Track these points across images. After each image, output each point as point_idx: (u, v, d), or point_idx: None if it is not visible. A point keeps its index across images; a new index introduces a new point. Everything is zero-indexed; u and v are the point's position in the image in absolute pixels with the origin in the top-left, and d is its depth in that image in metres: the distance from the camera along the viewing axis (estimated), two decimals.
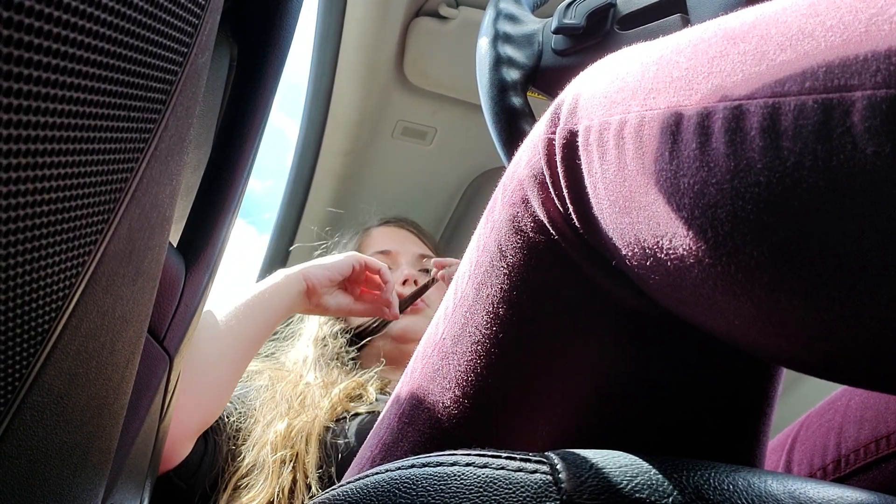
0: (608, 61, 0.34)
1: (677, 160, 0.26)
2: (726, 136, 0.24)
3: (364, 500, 0.28)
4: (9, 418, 0.20)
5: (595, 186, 0.31)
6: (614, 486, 0.25)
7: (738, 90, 0.24)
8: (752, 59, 0.24)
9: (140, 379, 0.37)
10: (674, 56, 0.28)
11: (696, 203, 0.25)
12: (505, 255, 0.36)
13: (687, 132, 0.26)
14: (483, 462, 0.28)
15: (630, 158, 0.29)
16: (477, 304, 0.38)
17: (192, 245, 0.42)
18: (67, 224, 0.20)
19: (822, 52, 0.22)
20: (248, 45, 0.42)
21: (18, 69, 0.15)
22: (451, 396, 0.39)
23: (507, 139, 0.63)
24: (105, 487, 0.34)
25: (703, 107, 0.25)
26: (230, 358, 0.80)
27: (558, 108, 0.34)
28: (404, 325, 1.10)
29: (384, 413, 0.46)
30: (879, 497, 0.28)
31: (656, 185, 0.27)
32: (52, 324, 0.21)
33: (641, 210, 0.28)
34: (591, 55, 0.62)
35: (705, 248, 0.25)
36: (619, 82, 0.31)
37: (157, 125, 0.24)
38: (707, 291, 0.27)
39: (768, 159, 0.23)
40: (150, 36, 0.21)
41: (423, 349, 0.43)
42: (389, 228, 1.28)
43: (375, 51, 1.21)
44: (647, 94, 0.28)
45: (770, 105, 0.23)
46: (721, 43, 0.26)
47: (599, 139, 0.30)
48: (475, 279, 0.39)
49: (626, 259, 0.30)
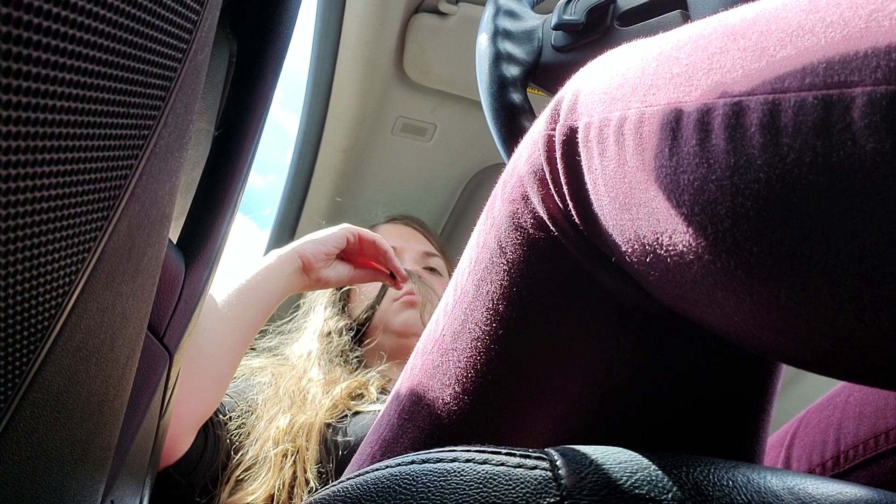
0: (608, 58, 0.34)
1: (677, 156, 0.26)
2: (726, 133, 0.24)
3: (364, 496, 0.28)
4: (9, 415, 0.20)
5: (595, 183, 0.31)
6: (614, 482, 0.26)
7: (737, 86, 0.24)
8: (752, 56, 0.24)
9: (140, 376, 0.37)
10: (674, 52, 0.28)
11: (695, 199, 0.25)
12: (505, 251, 0.36)
13: (687, 128, 0.26)
14: (483, 458, 0.28)
15: (630, 155, 0.29)
16: (477, 301, 0.38)
17: (192, 242, 0.42)
18: (67, 221, 0.20)
19: (822, 49, 0.22)
20: (247, 42, 0.42)
21: (18, 66, 0.15)
22: (450, 393, 0.39)
23: (506, 135, 0.63)
24: (105, 484, 0.34)
25: (702, 103, 0.25)
26: (227, 347, 0.80)
27: (558, 104, 0.35)
28: (405, 318, 1.10)
29: (384, 409, 0.46)
30: (879, 493, 0.28)
31: (656, 182, 0.27)
32: (51, 321, 0.21)
33: (641, 206, 0.28)
34: (590, 52, 0.62)
35: (705, 245, 0.25)
36: (618, 79, 0.31)
37: (156, 121, 0.24)
38: (707, 288, 0.27)
39: (768, 155, 0.23)
40: (150, 32, 0.21)
41: (423, 345, 0.43)
42: (395, 226, 1.28)
43: (375, 47, 1.21)
44: (647, 90, 0.28)
45: (770, 101, 0.23)
46: (721, 39, 0.26)
47: (599, 135, 0.30)
48: (475, 275, 0.39)
49: (626, 255, 0.30)
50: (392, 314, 1.12)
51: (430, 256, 1.24)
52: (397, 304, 1.12)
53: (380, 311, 1.13)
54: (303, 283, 0.91)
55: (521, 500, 0.25)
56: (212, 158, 0.42)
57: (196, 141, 0.41)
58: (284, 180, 1.44)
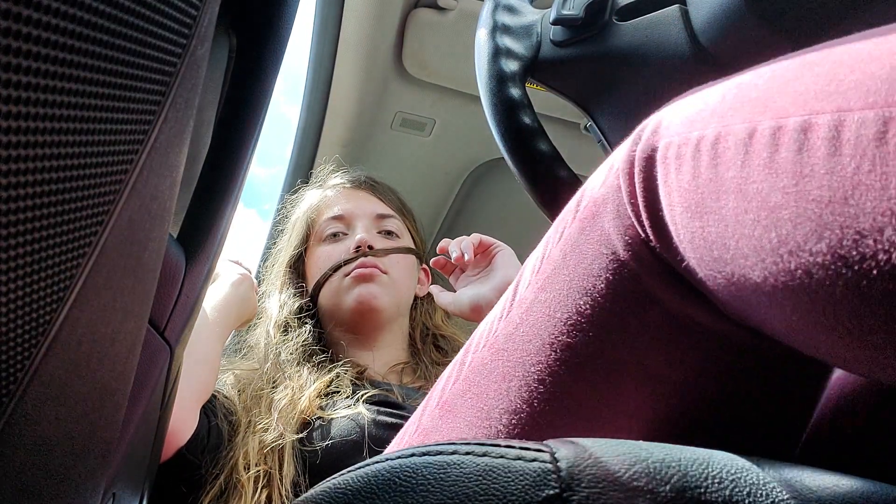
0: (695, 91, 0.37)
1: (748, 168, 0.28)
2: (794, 146, 0.27)
3: (364, 488, 0.28)
4: (10, 408, 0.20)
5: (669, 195, 0.33)
6: (613, 473, 0.26)
7: (808, 106, 0.27)
8: (825, 80, 0.27)
9: (141, 370, 0.37)
10: (753, 80, 0.31)
11: (762, 205, 0.28)
12: (568, 264, 0.38)
13: (758, 143, 0.28)
14: (482, 451, 0.28)
15: (704, 168, 0.31)
16: (535, 306, 0.39)
17: (193, 236, 0.42)
18: (67, 216, 0.20)
19: (886, 73, 0.24)
20: (247, 37, 0.42)
21: (18, 61, 0.15)
22: (497, 389, 0.40)
23: (505, 130, 0.63)
24: (107, 477, 0.34)
25: (775, 121, 0.28)
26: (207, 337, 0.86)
27: (642, 129, 0.37)
28: (357, 293, 1.05)
29: (427, 398, 0.47)
30: (875, 485, 0.28)
31: (727, 191, 0.29)
32: (53, 315, 0.21)
33: (711, 214, 0.30)
34: (589, 46, 0.62)
35: (769, 248, 0.28)
36: (701, 105, 0.33)
37: (156, 117, 0.24)
38: (768, 289, 0.29)
39: (830, 165, 0.25)
40: (149, 27, 0.21)
41: (476, 343, 0.44)
42: (346, 191, 1.18)
43: (374, 42, 1.21)
44: (725, 113, 0.31)
45: (835, 118, 0.25)
46: (799, 68, 0.29)
47: (678, 153, 0.33)
48: (535, 285, 0.40)
49: (694, 262, 0.32)
50: (344, 291, 1.07)
51: (384, 218, 1.15)
52: (349, 280, 1.06)
53: (331, 290, 1.09)
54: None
55: (521, 491, 0.26)
56: (212, 153, 0.42)
57: (196, 136, 0.42)
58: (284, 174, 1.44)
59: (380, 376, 1.03)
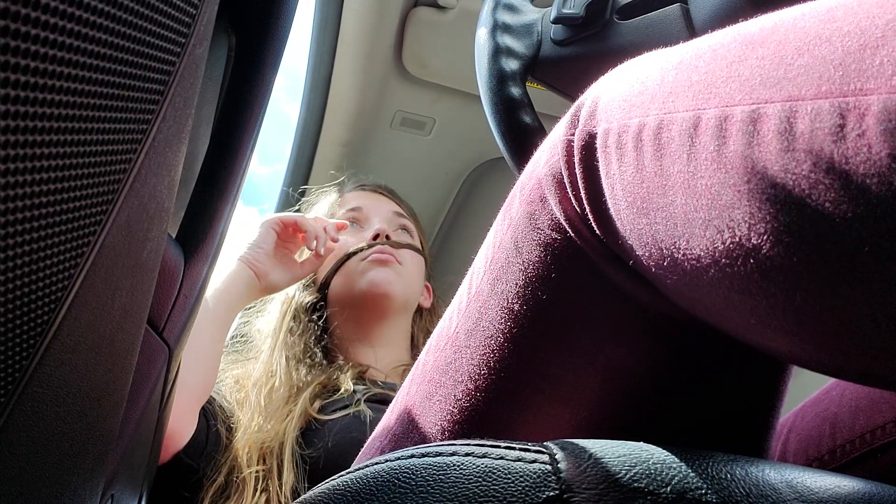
0: (628, 65, 0.34)
1: (695, 162, 0.26)
2: (743, 139, 0.24)
3: (364, 489, 0.28)
4: (9, 409, 0.20)
5: (612, 188, 0.31)
6: (613, 475, 0.26)
7: (755, 94, 0.24)
8: (770, 64, 0.25)
9: (140, 370, 0.37)
10: (693, 61, 0.29)
11: (712, 204, 0.26)
12: (521, 251, 0.37)
13: (705, 135, 0.26)
14: (482, 452, 0.28)
15: (648, 161, 0.29)
16: (492, 299, 0.38)
17: (191, 236, 0.42)
18: (66, 216, 0.20)
19: (839, 57, 0.22)
20: (246, 36, 0.42)
21: (16, 60, 0.15)
22: (463, 389, 0.39)
23: (505, 129, 0.63)
24: (105, 478, 0.34)
25: (720, 110, 0.26)
26: (208, 334, 0.84)
27: (578, 109, 0.35)
28: (372, 276, 1.05)
29: (394, 403, 0.46)
30: (876, 486, 0.28)
31: (673, 187, 0.28)
32: (51, 315, 0.21)
33: (659, 211, 0.29)
34: (590, 45, 0.62)
35: (722, 249, 0.26)
36: (638, 86, 0.31)
37: (155, 116, 0.24)
38: (723, 291, 0.27)
39: (784, 161, 0.23)
40: (148, 26, 0.21)
41: (436, 342, 0.44)
42: (364, 192, 1.25)
43: (374, 41, 1.20)
44: (666, 97, 0.29)
45: (787, 108, 0.23)
46: (740, 48, 0.27)
47: (618, 142, 0.31)
48: (490, 274, 0.39)
49: (643, 260, 0.31)
50: (358, 275, 1.06)
51: (401, 217, 1.21)
52: (365, 263, 1.07)
53: (344, 275, 1.09)
54: (256, 292, 0.94)
55: (521, 493, 0.26)
56: (211, 152, 0.42)
57: (195, 135, 0.41)
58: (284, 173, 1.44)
59: (382, 376, 1.03)
